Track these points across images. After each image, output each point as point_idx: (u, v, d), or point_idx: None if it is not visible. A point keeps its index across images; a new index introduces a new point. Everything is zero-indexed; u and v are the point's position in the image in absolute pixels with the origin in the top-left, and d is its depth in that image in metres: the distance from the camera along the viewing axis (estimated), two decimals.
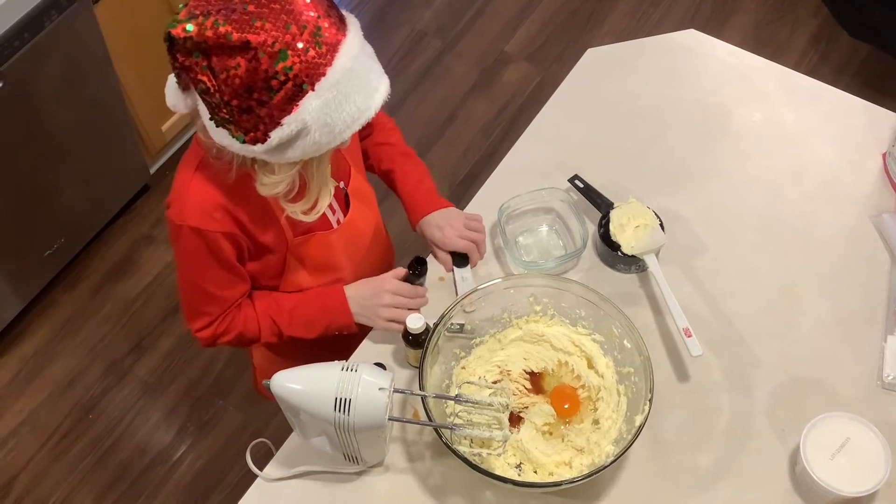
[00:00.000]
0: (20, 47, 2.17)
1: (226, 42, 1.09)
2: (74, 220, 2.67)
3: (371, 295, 1.50)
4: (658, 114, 1.87)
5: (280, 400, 1.32)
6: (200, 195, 1.32)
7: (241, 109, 1.14)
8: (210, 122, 1.19)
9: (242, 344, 1.52)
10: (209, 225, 1.33)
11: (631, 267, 1.64)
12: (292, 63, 1.10)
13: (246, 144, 1.18)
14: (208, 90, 1.13)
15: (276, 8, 1.11)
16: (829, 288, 1.62)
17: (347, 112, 1.17)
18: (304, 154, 1.20)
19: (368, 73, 1.19)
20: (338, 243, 1.52)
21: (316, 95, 1.13)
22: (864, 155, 1.79)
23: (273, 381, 1.30)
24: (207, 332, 1.47)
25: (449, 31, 3.30)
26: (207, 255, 1.37)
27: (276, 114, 1.13)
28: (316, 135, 1.16)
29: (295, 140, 1.17)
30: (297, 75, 1.11)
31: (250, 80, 1.11)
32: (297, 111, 1.13)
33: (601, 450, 1.40)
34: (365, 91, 1.18)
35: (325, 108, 1.14)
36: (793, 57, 3.12)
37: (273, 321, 1.49)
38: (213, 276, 1.40)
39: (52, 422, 2.53)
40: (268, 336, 1.50)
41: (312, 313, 1.51)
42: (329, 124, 1.16)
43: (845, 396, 1.50)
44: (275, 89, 1.11)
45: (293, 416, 1.36)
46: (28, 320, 2.69)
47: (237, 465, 2.43)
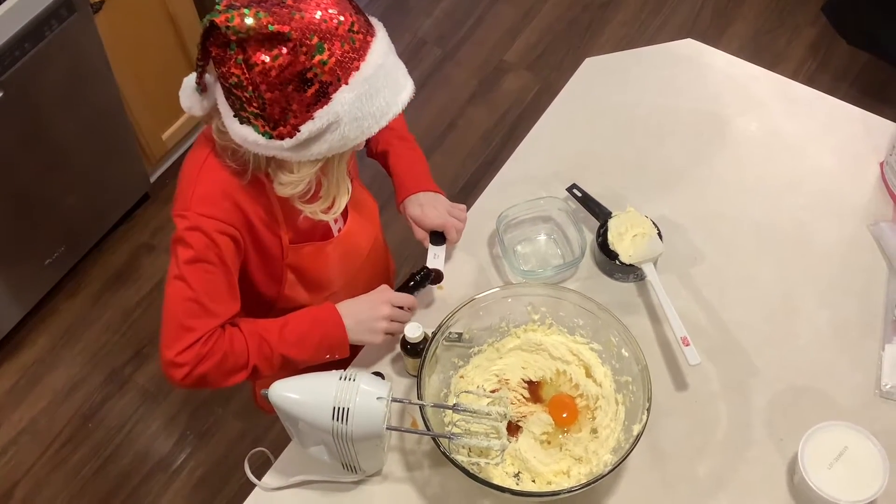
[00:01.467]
0: (21, 57, 2.18)
1: (267, 33, 1.10)
2: (75, 228, 2.67)
3: (368, 307, 1.46)
4: (656, 123, 1.87)
5: (278, 409, 1.32)
6: (207, 188, 1.31)
7: (274, 102, 1.15)
8: (233, 119, 1.20)
9: (225, 374, 1.36)
10: (215, 213, 1.30)
11: (629, 276, 1.64)
12: (329, 56, 1.13)
13: (273, 140, 1.18)
14: (240, 83, 1.14)
15: (311, 4, 1.13)
16: (827, 297, 1.62)
17: (377, 106, 1.19)
18: (330, 149, 1.21)
19: (396, 69, 1.22)
20: (333, 255, 1.52)
21: (349, 88, 1.15)
22: (862, 164, 1.79)
23: (271, 391, 1.30)
24: (189, 354, 1.31)
25: (449, 40, 3.31)
26: (208, 250, 1.30)
27: (308, 107, 1.15)
28: (346, 129, 1.18)
29: (324, 134, 1.18)
30: (332, 69, 1.14)
31: (287, 72, 1.12)
32: (331, 104, 1.16)
33: (599, 459, 1.40)
34: (394, 87, 1.21)
35: (357, 101, 1.17)
36: (791, 65, 3.13)
37: (262, 338, 1.38)
38: (209, 278, 1.32)
39: (51, 430, 2.53)
40: (256, 357, 1.37)
41: (303, 329, 1.42)
42: (359, 119, 1.18)
43: (843, 405, 1.50)
44: (310, 81, 1.13)
45: (291, 426, 1.36)
46: (28, 329, 2.70)
47: (236, 473, 2.43)
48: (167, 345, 1.32)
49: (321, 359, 1.44)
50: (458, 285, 1.65)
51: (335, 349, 1.45)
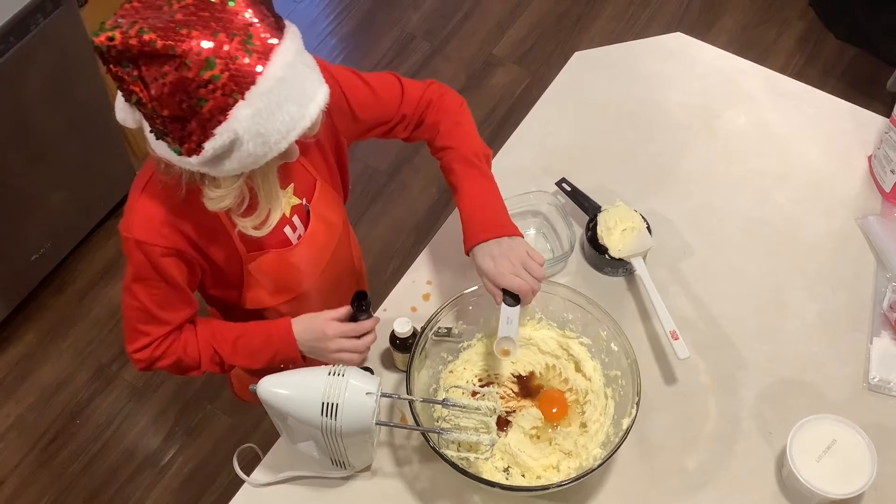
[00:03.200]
0: (5, 51, 2.16)
1: (151, 50, 1.06)
2: (61, 223, 2.66)
3: (316, 337, 1.42)
4: (645, 117, 1.87)
5: (267, 405, 1.31)
6: (148, 210, 1.30)
7: (173, 119, 1.10)
8: (150, 134, 1.16)
9: (181, 371, 1.45)
10: (155, 239, 1.30)
11: (618, 270, 1.64)
12: (220, 71, 1.07)
13: (183, 157, 1.14)
14: (141, 101, 1.10)
15: (205, 15, 1.07)
16: (815, 290, 1.63)
17: (281, 121, 1.13)
18: (242, 166, 1.16)
19: (303, 81, 1.15)
20: (297, 260, 1.48)
21: (247, 104, 1.09)
22: (850, 157, 1.79)
23: (260, 386, 1.30)
24: (144, 353, 1.40)
25: (437, 34, 3.30)
26: (152, 271, 1.33)
27: (206, 124, 1.10)
28: (250, 145, 1.13)
29: (230, 151, 1.13)
30: (225, 84, 1.07)
31: (179, 90, 1.07)
32: (228, 121, 1.09)
33: (589, 453, 1.40)
34: (300, 100, 1.14)
35: (256, 117, 1.10)
36: (780, 59, 3.14)
37: (214, 350, 1.43)
38: (155, 293, 1.36)
39: (39, 427, 2.52)
40: (208, 364, 1.44)
41: (257, 343, 1.44)
42: (262, 134, 1.12)
43: (832, 398, 1.50)
44: (204, 98, 1.08)
45: (280, 421, 1.36)
46: (15, 325, 2.68)
47: (225, 469, 2.42)
48: (127, 340, 1.42)
49: (276, 368, 1.40)
50: (447, 280, 1.65)
51: (289, 363, 1.44)
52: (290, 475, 1.44)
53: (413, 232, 2.75)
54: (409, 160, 2.97)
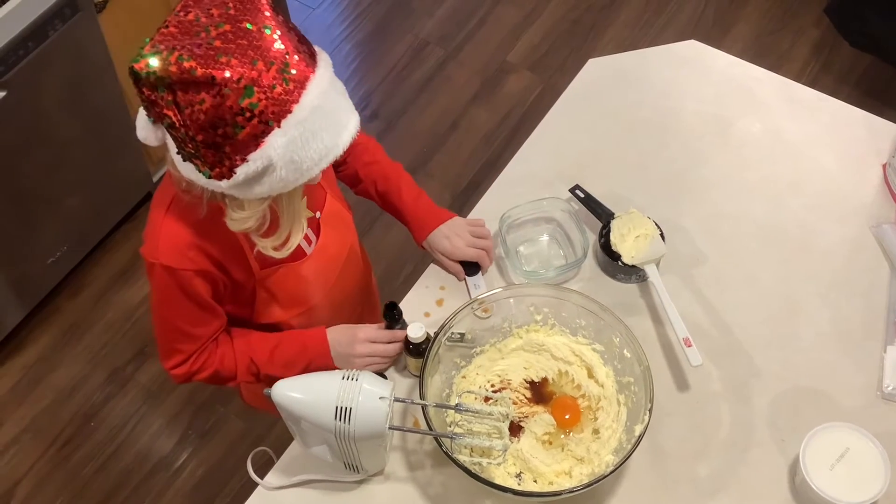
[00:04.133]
0: (24, 56, 2.18)
1: (190, 77, 1.06)
2: (77, 227, 2.68)
3: (347, 342, 1.48)
4: (659, 124, 1.87)
5: (281, 408, 1.32)
6: (173, 234, 1.31)
7: (207, 145, 1.11)
8: (177, 155, 1.17)
9: (218, 382, 1.49)
10: (182, 264, 1.32)
11: (631, 277, 1.64)
12: (258, 100, 1.08)
13: (212, 179, 1.15)
14: (174, 125, 1.11)
15: (243, 43, 1.08)
16: (829, 298, 1.62)
17: (315, 149, 1.14)
18: (271, 190, 1.18)
19: (337, 110, 1.17)
20: (308, 272, 1.49)
21: (282, 132, 1.11)
22: (865, 165, 1.79)
23: (274, 390, 1.31)
24: (182, 369, 1.44)
25: (451, 41, 3.31)
26: (180, 294, 1.35)
27: (241, 150, 1.11)
28: (282, 172, 1.14)
29: (262, 176, 1.15)
30: (262, 112, 1.09)
31: (215, 116, 1.08)
32: (263, 147, 1.11)
33: (601, 459, 1.40)
34: (333, 128, 1.16)
35: (290, 145, 1.12)
36: (794, 67, 3.13)
37: (251, 360, 1.47)
38: (186, 313, 1.39)
39: (53, 429, 2.53)
40: (244, 375, 1.48)
41: (291, 353, 1.48)
42: (296, 161, 1.14)
43: (845, 407, 1.50)
44: (240, 125, 1.09)
45: (294, 425, 1.36)
46: (30, 327, 2.70)
47: (238, 472, 2.43)
48: (161, 357, 1.46)
49: None
50: (461, 285, 1.65)
51: (323, 367, 1.47)
52: (303, 479, 1.45)
53: None
54: (423, 166, 2.98)
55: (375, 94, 3.17)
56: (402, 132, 3.07)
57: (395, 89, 3.18)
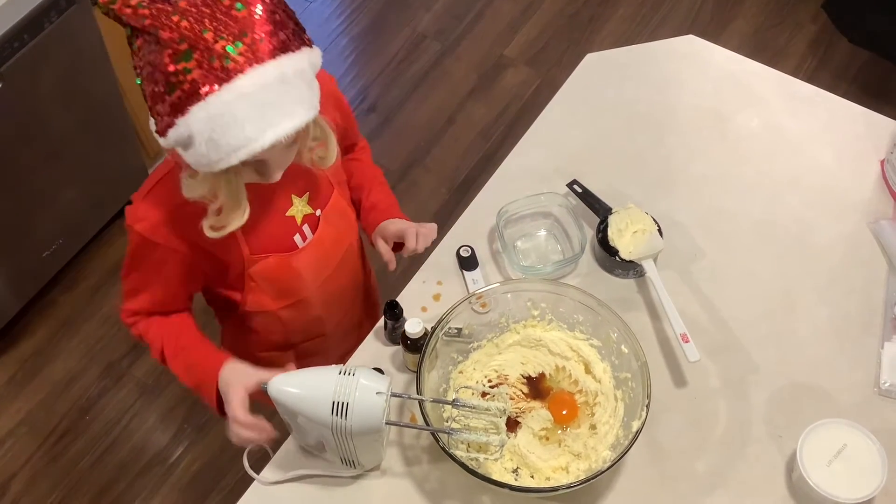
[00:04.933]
0: (20, 48, 2.17)
1: (140, 25, 1.08)
2: (73, 220, 2.67)
3: (228, 405, 1.38)
4: (657, 119, 1.87)
5: (277, 404, 1.32)
6: (157, 204, 1.32)
7: (152, 96, 1.13)
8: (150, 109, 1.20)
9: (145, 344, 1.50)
10: (155, 236, 1.33)
11: (629, 272, 1.64)
12: (193, 66, 1.08)
13: (157, 134, 1.17)
14: (135, 68, 1.14)
15: (205, 11, 1.08)
16: (826, 294, 1.62)
17: (234, 136, 1.12)
18: (196, 163, 1.17)
19: (272, 106, 1.14)
20: (299, 265, 1.48)
21: (204, 107, 1.10)
22: (863, 162, 1.79)
23: (271, 385, 1.30)
24: (131, 320, 1.47)
25: (448, 35, 3.30)
26: (149, 263, 1.38)
27: (172, 112, 1.12)
28: (202, 147, 1.13)
29: (187, 146, 1.15)
30: (194, 80, 1.09)
31: (155, 70, 1.10)
32: (186, 116, 1.11)
33: (598, 455, 1.40)
34: (259, 122, 1.13)
35: (209, 122, 1.11)
36: (791, 62, 3.13)
37: (164, 349, 1.46)
38: (150, 281, 1.42)
39: (49, 422, 2.53)
40: (156, 353, 1.48)
41: (193, 358, 1.46)
42: (215, 141, 1.12)
43: (842, 403, 1.50)
44: (173, 86, 1.10)
45: (290, 420, 1.36)
46: (26, 321, 2.69)
47: (234, 467, 2.43)
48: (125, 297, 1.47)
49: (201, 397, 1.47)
50: (458, 280, 1.65)
51: (207, 401, 1.45)
52: (299, 474, 1.45)
53: None
54: (420, 160, 2.97)
55: (372, 88, 3.16)
56: (399, 126, 3.06)
57: (393, 83, 3.17)
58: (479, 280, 1.63)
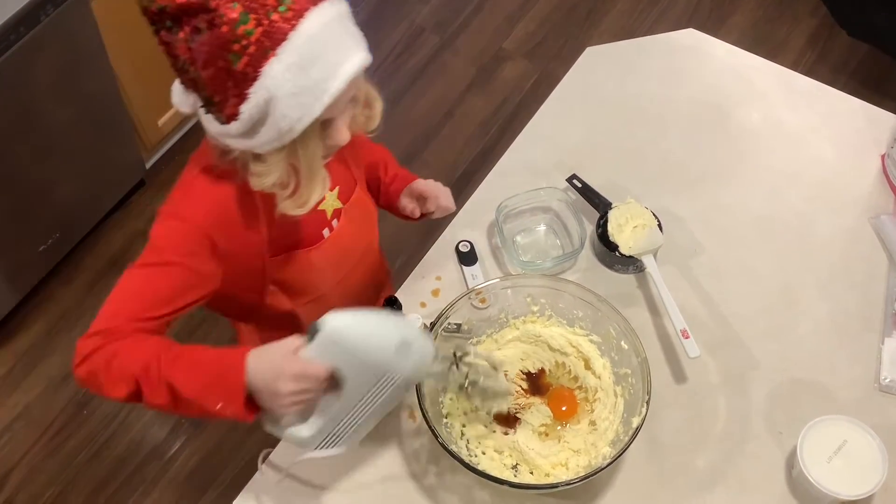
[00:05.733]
0: (16, 41, 2.15)
1: (187, 4, 1.06)
2: (70, 214, 2.66)
3: (272, 378, 1.18)
4: (657, 113, 1.86)
5: (333, 343, 1.18)
6: (205, 191, 1.28)
7: (212, 81, 1.10)
8: (202, 110, 1.16)
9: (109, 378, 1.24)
10: (205, 220, 1.28)
11: (629, 267, 1.63)
12: (254, 26, 1.06)
13: (224, 126, 1.14)
14: (185, 65, 1.11)
15: None
16: (827, 290, 1.62)
17: (313, 79, 1.11)
18: (279, 133, 1.14)
19: (339, 40, 1.13)
20: (318, 260, 1.45)
21: (278, 60, 1.08)
22: (863, 156, 1.78)
23: (328, 323, 1.17)
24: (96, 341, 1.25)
25: (447, 27, 3.28)
26: (182, 253, 1.27)
27: (241, 83, 1.10)
28: (283, 106, 1.11)
29: (265, 114, 1.12)
30: (258, 39, 1.06)
31: (214, 46, 1.07)
32: (261, 78, 1.08)
33: (598, 451, 1.40)
34: (333, 58, 1.12)
35: (287, 73, 1.09)
36: (790, 56, 3.12)
37: (160, 352, 1.21)
38: (170, 278, 1.28)
39: (46, 417, 2.52)
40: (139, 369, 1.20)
41: (204, 357, 1.23)
42: (295, 94, 1.10)
43: (843, 399, 1.50)
44: (237, 54, 1.07)
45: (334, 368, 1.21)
46: (23, 315, 2.68)
47: (232, 461, 2.42)
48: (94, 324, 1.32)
49: (208, 402, 1.19)
50: (457, 276, 1.64)
51: (228, 398, 1.19)
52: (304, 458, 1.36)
53: (421, 225, 2.74)
54: (418, 153, 2.96)
55: (370, 81, 3.14)
56: (397, 120, 3.05)
57: (391, 76, 3.15)
58: (478, 275, 1.62)
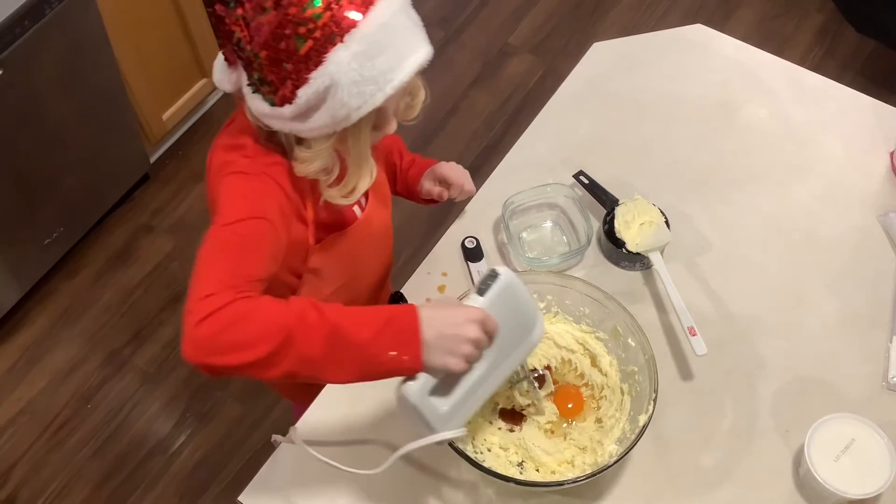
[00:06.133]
0: (20, 35, 2.15)
1: None
2: (74, 208, 2.66)
3: (458, 323, 1.12)
4: (664, 109, 1.85)
5: (506, 294, 1.18)
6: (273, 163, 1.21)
7: (270, 61, 1.07)
8: (248, 88, 1.14)
9: (247, 333, 1.06)
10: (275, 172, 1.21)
11: (635, 264, 1.63)
12: (322, 10, 1.04)
13: (276, 108, 1.11)
14: (240, 42, 1.08)
15: None
16: (835, 287, 1.61)
17: (378, 69, 1.07)
18: (333, 119, 1.11)
19: (406, 31, 1.11)
20: (353, 240, 1.42)
21: (345, 47, 1.05)
22: (872, 153, 1.77)
23: (505, 270, 1.19)
24: (224, 297, 1.05)
25: (452, 22, 3.27)
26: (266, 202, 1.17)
27: (303, 67, 1.07)
28: (344, 94, 1.08)
29: (323, 100, 1.09)
30: (326, 24, 1.04)
31: (278, 27, 1.05)
32: (324, 65, 1.06)
33: (604, 449, 1.39)
34: (400, 49, 1.09)
35: (353, 62, 1.06)
36: (798, 51, 3.10)
37: (311, 303, 1.09)
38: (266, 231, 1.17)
39: (50, 411, 2.52)
40: (294, 316, 1.07)
41: (368, 308, 1.14)
42: (358, 83, 1.07)
43: (850, 397, 1.49)
44: (302, 37, 1.04)
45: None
46: (27, 309, 2.68)
47: (236, 456, 2.42)
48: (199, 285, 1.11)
49: (380, 347, 1.10)
50: (463, 271, 1.63)
51: (403, 343, 1.10)
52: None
53: (426, 221, 2.74)
54: (423, 148, 2.95)
55: None
56: None
57: None
58: (483, 272, 1.61)
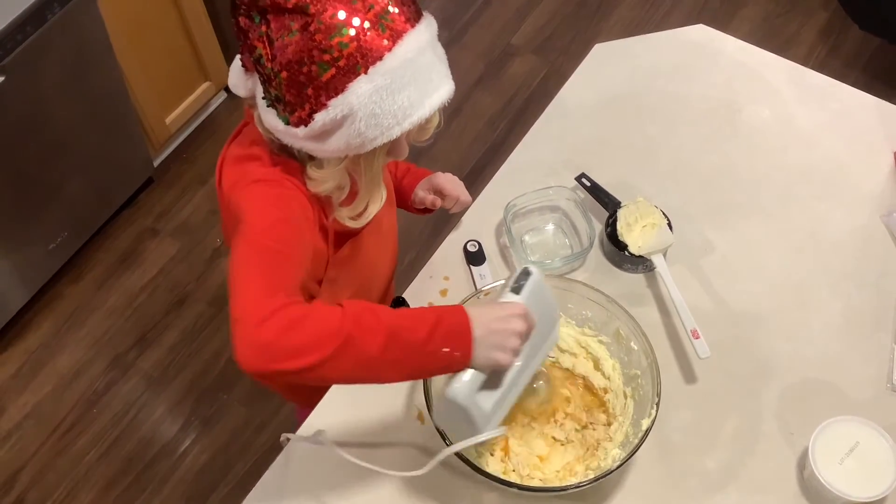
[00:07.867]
0: (23, 40, 2.15)
1: (283, 3, 1.02)
2: (78, 213, 2.66)
3: (504, 317, 1.13)
4: (667, 111, 1.85)
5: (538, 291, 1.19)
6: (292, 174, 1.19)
7: (290, 83, 1.06)
8: (262, 101, 1.13)
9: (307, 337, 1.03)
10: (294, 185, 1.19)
11: (638, 267, 1.62)
12: (349, 40, 1.03)
13: (289, 127, 1.10)
14: (261, 59, 1.07)
15: None
16: (839, 288, 1.60)
17: (398, 105, 1.07)
18: (347, 146, 1.11)
19: (431, 69, 1.10)
20: (367, 245, 1.41)
21: (368, 79, 1.04)
22: (876, 153, 1.76)
23: (535, 268, 1.21)
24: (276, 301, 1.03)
25: (455, 22, 3.27)
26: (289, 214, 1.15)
27: (323, 94, 1.06)
28: (361, 124, 1.07)
29: (339, 127, 1.08)
30: (351, 54, 1.03)
31: (302, 52, 1.03)
32: (346, 94, 1.05)
33: (607, 453, 1.39)
34: (423, 87, 1.09)
35: (374, 95, 1.05)
36: (801, 50, 3.09)
37: (364, 305, 1.08)
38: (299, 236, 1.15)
39: (56, 415, 2.53)
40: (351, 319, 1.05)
41: (417, 309, 1.20)
42: (377, 115, 1.07)
43: (855, 400, 1.48)
44: (326, 65, 1.04)
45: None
46: (32, 313, 2.69)
47: (242, 459, 2.42)
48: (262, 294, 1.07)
49: (437, 348, 1.10)
50: (466, 276, 1.63)
51: (455, 341, 1.10)
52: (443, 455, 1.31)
53: (428, 224, 2.74)
54: (426, 150, 2.94)
55: None
56: None
57: None
58: (486, 275, 1.61)
